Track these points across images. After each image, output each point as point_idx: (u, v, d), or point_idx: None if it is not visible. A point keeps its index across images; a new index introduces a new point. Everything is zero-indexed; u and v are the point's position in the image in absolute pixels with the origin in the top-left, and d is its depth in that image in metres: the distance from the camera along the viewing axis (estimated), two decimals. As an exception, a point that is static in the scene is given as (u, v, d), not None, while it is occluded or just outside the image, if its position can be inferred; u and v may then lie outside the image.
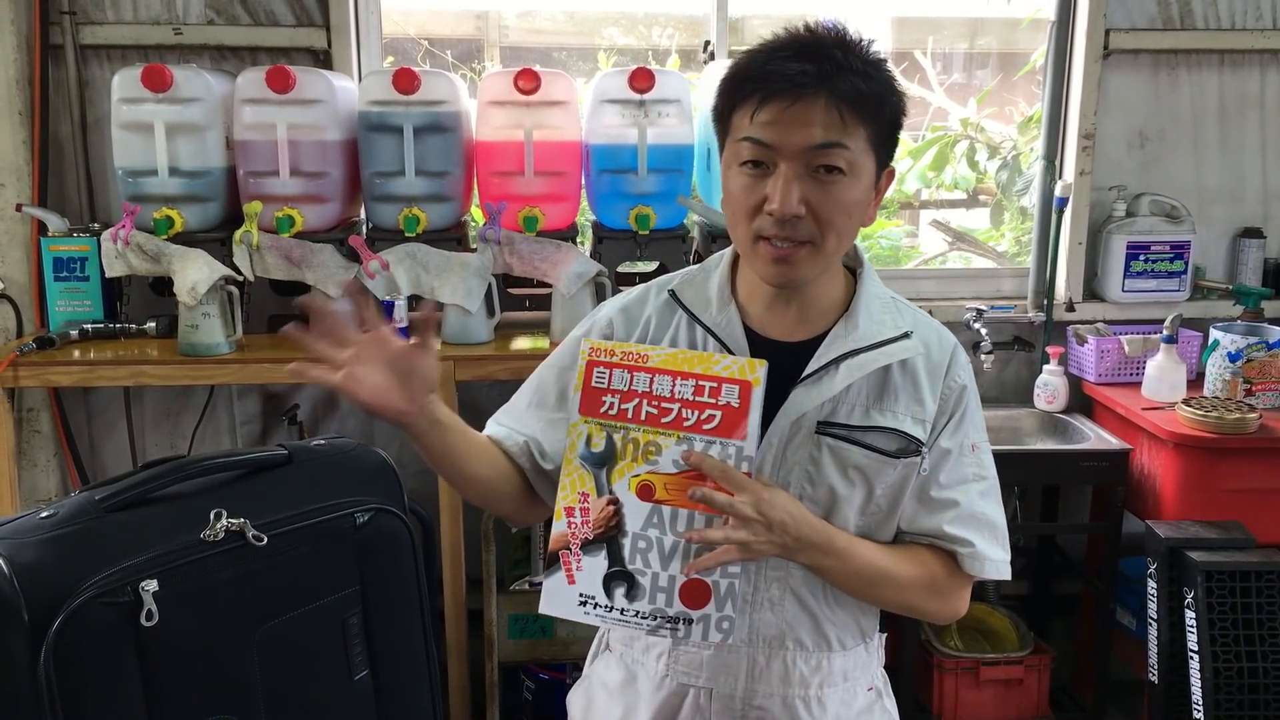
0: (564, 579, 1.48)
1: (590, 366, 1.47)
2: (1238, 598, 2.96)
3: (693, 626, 1.49)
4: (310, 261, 3.04)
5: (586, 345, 1.48)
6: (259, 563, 1.47)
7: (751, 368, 1.44)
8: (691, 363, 1.45)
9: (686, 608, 1.48)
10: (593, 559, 1.47)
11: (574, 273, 3.05)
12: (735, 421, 1.44)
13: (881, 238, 4.54)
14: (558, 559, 1.48)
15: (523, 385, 1.74)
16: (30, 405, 3.31)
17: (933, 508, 1.61)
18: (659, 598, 1.48)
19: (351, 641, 1.58)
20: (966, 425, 1.63)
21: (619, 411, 1.46)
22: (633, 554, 1.47)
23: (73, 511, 1.40)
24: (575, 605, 1.49)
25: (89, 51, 3.30)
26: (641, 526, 1.47)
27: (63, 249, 3.10)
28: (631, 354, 1.47)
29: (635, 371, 1.46)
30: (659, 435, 1.45)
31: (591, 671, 1.76)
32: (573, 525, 1.47)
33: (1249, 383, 3.30)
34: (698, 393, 1.44)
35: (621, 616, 1.49)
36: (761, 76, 1.45)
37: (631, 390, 1.46)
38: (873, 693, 1.72)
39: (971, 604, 3.48)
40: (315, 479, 1.58)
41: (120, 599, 1.34)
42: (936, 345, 1.62)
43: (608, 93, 3.11)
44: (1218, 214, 3.77)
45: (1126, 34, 3.58)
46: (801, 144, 1.43)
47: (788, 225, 1.45)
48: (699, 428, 1.45)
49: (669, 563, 1.47)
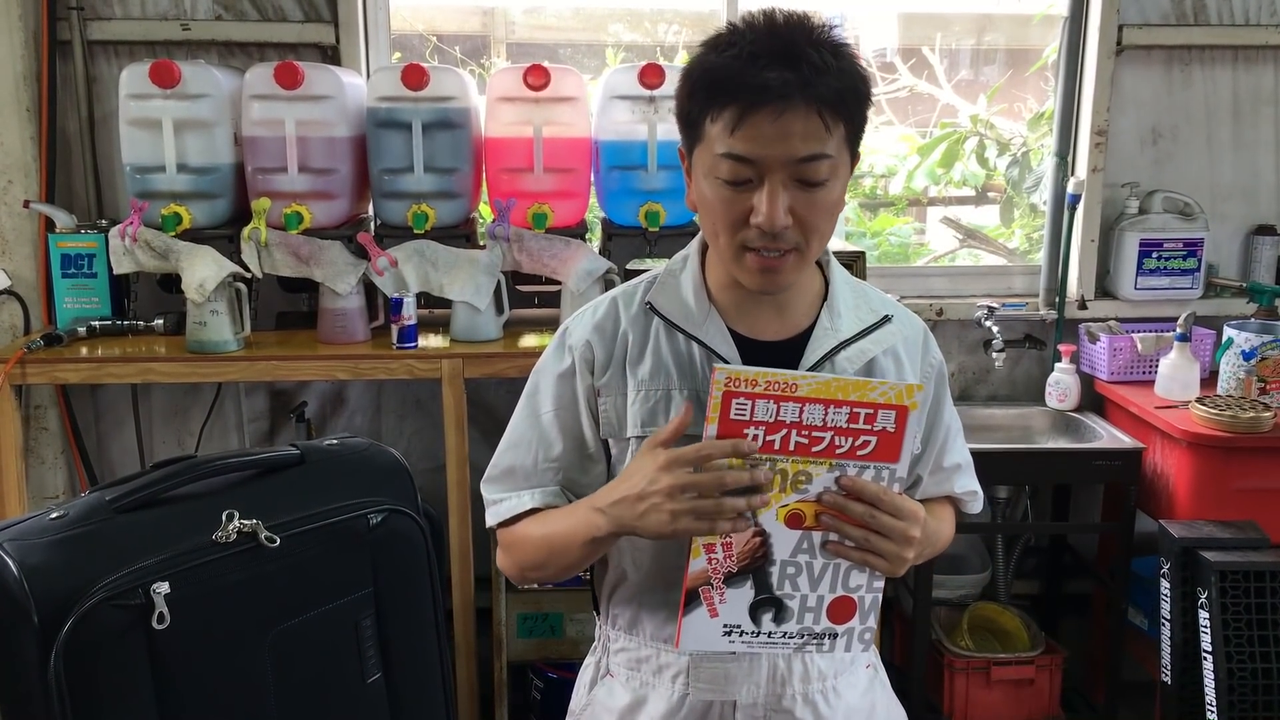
0: (705, 614, 1.45)
1: (728, 398, 1.35)
2: (1252, 598, 2.93)
3: (837, 640, 1.49)
4: (319, 258, 3.03)
5: (722, 375, 1.35)
6: (272, 564, 1.45)
7: (910, 392, 1.38)
8: (846, 390, 1.37)
9: (833, 624, 1.47)
10: (737, 590, 1.44)
11: (583, 270, 3.04)
12: (890, 445, 1.40)
13: (890, 235, 4.52)
14: (698, 595, 1.44)
15: (512, 440, 1.64)
16: (38, 402, 3.30)
17: (944, 476, 1.75)
18: (807, 618, 1.46)
19: (365, 644, 1.56)
20: (947, 395, 1.75)
21: (765, 444, 1.37)
22: (780, 580, 1.44)
23: (83, 512, 1.38)
24: (719, 636, 1.47)
25: (96, 47, 3.29)
26: (790, 554, 1.43)
27: (70, 246, 3.08)
28: (777, 383, 1.36)
29: (783, 402, 1.36)
30: (809, 464, 1.39)
31: (592, 698, 1.71)
32: (714, 561, 1.42)
33: (1263, 381, 3.28)
34: (852, 420, 1.37)
35: (769, 640, 1.48)
36: (740, 87, 1.40)
37: (779, 421, 1.37)
38: (870, 669, 1.73)
39: (982, 603, 3.53)
40: (328, 479, 1.56)
41: (131, 601, 1.32)
42: (910, 327, 1.68)
43: (617, 89, 3.09)
44: (1231, 211, 3.75)
45: (1140, 29, 3.55)
46: (786, 156, 1.40)
47: (775, 236, 1.43)
48: (853, 454, 1.39)
49: (819, 584, 1.45)
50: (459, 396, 2.94)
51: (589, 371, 1.59)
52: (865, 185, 4.58)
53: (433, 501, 3.01)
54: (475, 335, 3.05)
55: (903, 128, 4.64)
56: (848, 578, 1.45)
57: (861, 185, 4.57)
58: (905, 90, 4.64)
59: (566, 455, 1.61)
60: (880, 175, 4.56)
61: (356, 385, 3.56)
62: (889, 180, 4.52)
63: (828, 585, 1.45)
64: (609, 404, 1.58)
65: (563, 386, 1.61)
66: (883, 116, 4.63)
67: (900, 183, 4.45)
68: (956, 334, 3.72)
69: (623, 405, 1.57)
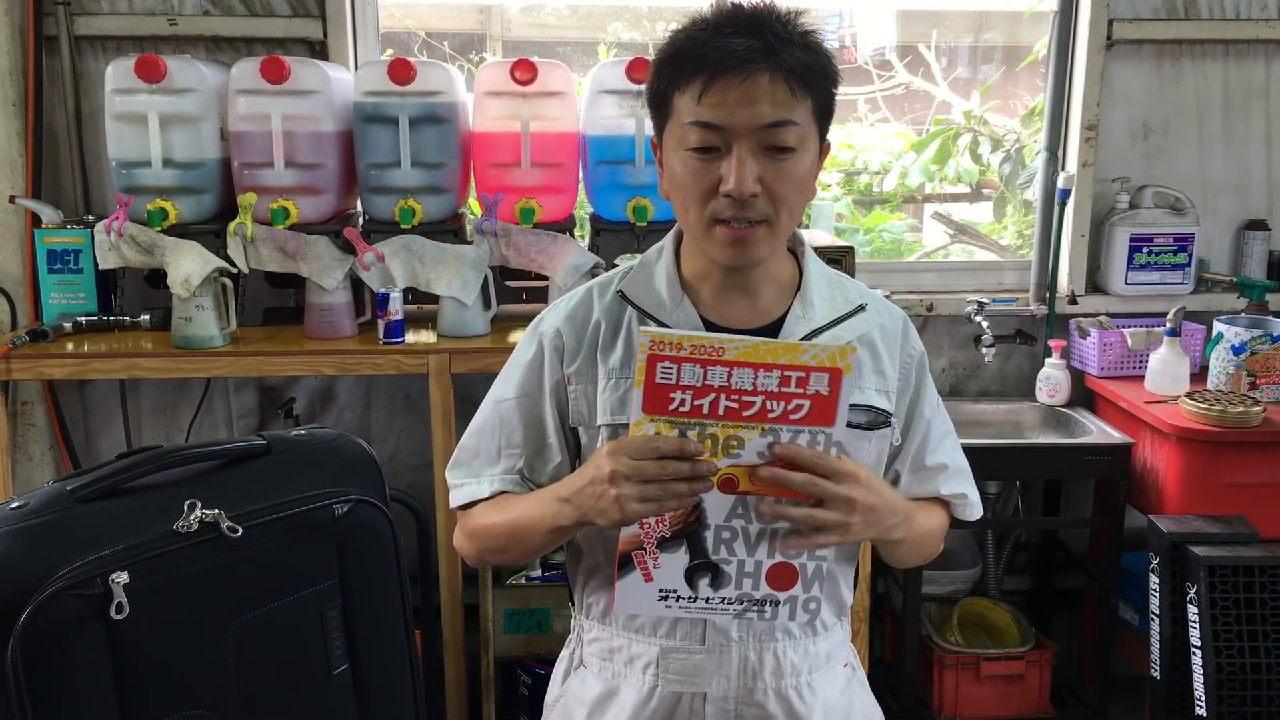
0: (640, 578, 1.44)
1: (653, 361, 1.34)
2: (1240, 593, 2.92)
3: (779, 608, 1.47)
4: (305, 254, 3.02)
5: (646, 338, 1.34)
6: (234, 554, 1.44)
7: (842, 354, 1.35)
8: (775, 353, 1.35)
9: (773, 590, 1.46)
10: (671, 555, 1.43)
11: (571, 265, 3.03)
12: (825, 409, 1.38)
13: (884, 231, 4.51)
14: (631, 560, 1.43)
15: (478, 427, 1.66)
16: (25, 398, 3.30)
17: (927, 476, 1.70)
18: (745, 583, 1.45)
19: (331, 635, 1.55)
20: (929, 388, 1.70)
21: (692, 408, 1.36)
22: (716, 545, 1.43)
23: (43, 502, 1.37)
24: (655, 601, 1.46)
25: (84, 42, 3.29)
26: (725, 519, 1.42)
27: (56, 241, 3.08)
28: (703, 346, 1.34)
29: (709, 366, 1.34)
30: (741, 429, 1.37)
31: (566, 690, 1.72)
32: (645, 526, 1.41)
33: (1253, 376, 3.27)
34: (784, 384, 1.35)
35: (706, 605, 1.46)
36: (706, 55, 1.42)
37: (706, 385, 1.35)
38: (848, 669, 1.73)
39: (972, 599, 3.52)
40: (294, 469, 1.55)
41: (89, 591, 1.31)
42: (889, 317, 1.66)
43: (605, 83, 3.09)
44: (1222, 206, 3.74)
45: (1130, 24, 3.54)
46: (753, 122, 1.42)
47: (745, 205, 1.44)
48: (785, 418, 1.37)
49: (755, 549, 1.44)
50: (446, 392, 2.94)
51: (559, 360, 1.60)
52: (860, 182, 4.57)
53: (420, 496, 3.03)
54: (463, 331, 3.05)
55: (898, 124, 4.63)
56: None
57: (856, 182, 4.56)
58: (902, 87, 4.63)
59: (528, 443, 1.62)
60: (875, 172, 4.55)
61: (346, 381, 3.56)
62: (883, 177, 4.51)
63: (765, 550, 1.44)
64: (579, 392, 1.59)
65: (528, 374, 1.63)
66: (879, 113, 4.63)
67: (894, 179, 4.44)
68: (947, 329, 3.71)
69: (593, 393, 1.58)
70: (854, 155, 4.52)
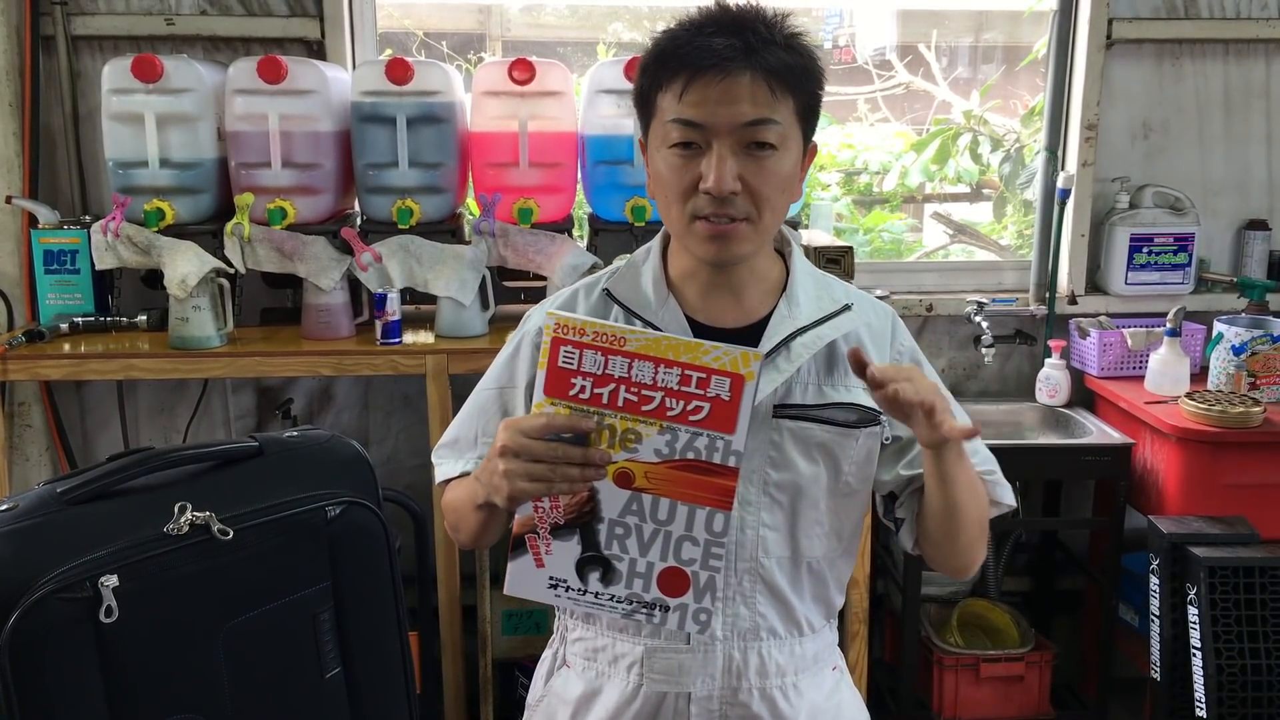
0: (531, 562, 1.43)
1: (556, 345, 1.34)
2: (1241, 593, 2.91)
3: (669, 614, 1.44)
4: (302, 254, 3.02)
5: (551, 320, 1.35)
6: (226, 557, 1.43)
7: (745, 360, 1.34)
8: (677, 350, 1.34)
9: (664, 595, 1.43)
10: (564, 544, 1.42)
11: (569, 265, 3.02)
12: (725, 415, 1.36)
13: (884, 231, 4.50)
14: (524, 542, 1.42)
15: (462, 413, 1.71)
16: (22, 399, 3.29)
17: None
18: (636, 583, 1.43)
19: (323, 638, 1.55)
20: (934, 379, 1.63)
21: (592, 396, 1.35)
22: (609, 540, 1.42)
23: (33, 504, 1.37)
24: (544, 588, 1.44)
25: (81, 42, 3.28)
26: (619, 514, 1.40)
27: (53, 241, 3.07)
28: (606, 335, 1.34)
29: (610, 355, 1.34)
30: (639, 423, 1.36)
31: (549, 689, 1.71)
32: (540, 510, 1.40)
33: (1253, 376, 3.26)
34: (684, 382, 1.35)
35: (596, 600, 1.44)
36: (687, 55, 1.42)
37: (606, 375, 1.35)
38: (836, 672, 1.71)
39: (972, 600, 3.51)
40: (286, 471, 1.55)
41: (79, 594, 1.31)
42: (875, 315, 1.65)
43: (603, 83, 3.08)
44: (1222, 206, 3.73)
45: (1130, 23, 3.53)
46: (733, 121, 1.42)
47: (724, 203, 1.44)
48: (684, 419, 1.36)
49: (648, 549, 1.42)
50: (444, 392, 2.93)
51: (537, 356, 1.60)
52: (860, 182, 4.56)
53: (420, 498, 3.02)
54: (460, 331, 3.04)
55: (898, 124, 4.63)
56: (680, 549, 1.41)
57: (856, 182, 4.56)
58: (902, 87, 4.63)
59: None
60: (875, 172, 4.54)
61: (344, 382, 3.55)
62: (883, 177, 4.50)
63: (658, 553, 1.42)
64: None
65: (508, 368, 1.66)
66: (879, 113, 4.62)
67: (894, 179, 4.43)
68: (947, 329, 3.70)
69: None
70: (854, 155, 4.52)
